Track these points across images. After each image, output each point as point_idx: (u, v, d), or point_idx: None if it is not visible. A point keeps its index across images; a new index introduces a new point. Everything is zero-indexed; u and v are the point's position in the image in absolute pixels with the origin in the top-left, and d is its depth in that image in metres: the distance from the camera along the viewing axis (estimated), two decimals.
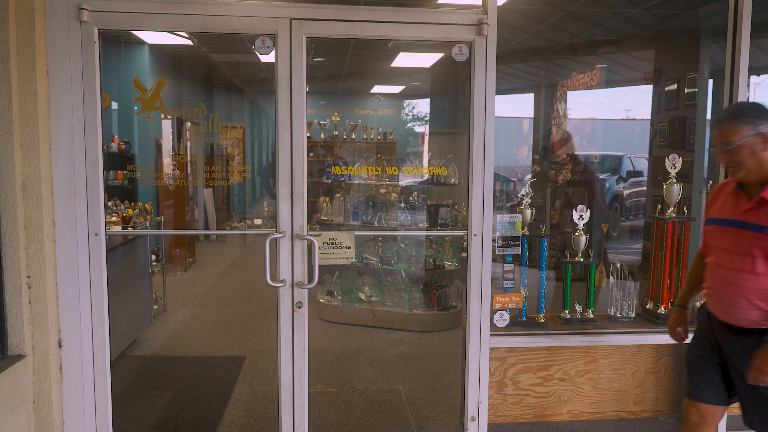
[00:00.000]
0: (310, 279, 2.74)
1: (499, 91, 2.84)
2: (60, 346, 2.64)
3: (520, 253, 3.13)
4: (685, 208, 3.32)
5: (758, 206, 2.08)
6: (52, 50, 2.51)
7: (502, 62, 2.82)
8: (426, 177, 5.53)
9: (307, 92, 2.70)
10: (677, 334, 2.45)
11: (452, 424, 3.32)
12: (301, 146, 2.71)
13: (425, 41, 2.78)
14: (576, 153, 7.12)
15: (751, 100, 3.26)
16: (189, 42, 5.74)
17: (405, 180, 5.53)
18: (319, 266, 2.74)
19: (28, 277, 2.51)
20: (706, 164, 4.80)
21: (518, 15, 5.06)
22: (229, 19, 2.63)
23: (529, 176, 3.49)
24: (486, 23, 2.75)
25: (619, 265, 3.52)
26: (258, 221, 8.31)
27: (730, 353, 2.20)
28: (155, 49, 6.40)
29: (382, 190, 5.58)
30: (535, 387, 3.34)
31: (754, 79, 3.62)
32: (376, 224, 5.22)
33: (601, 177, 9.76)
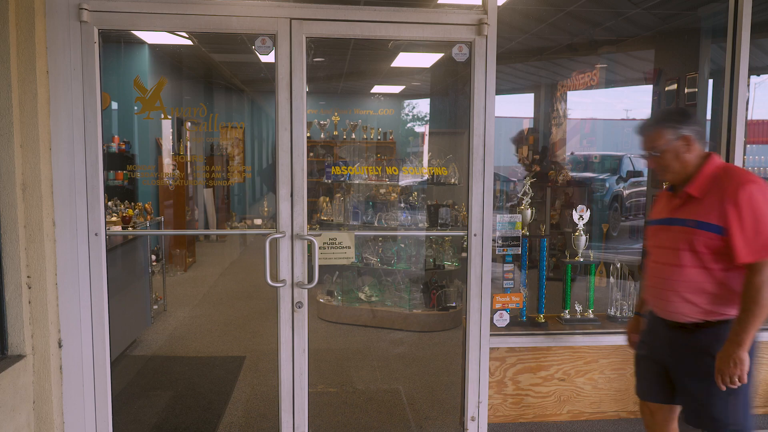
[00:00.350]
0: (310, 279, 2.74)
1: (499, 91, 2.84)
2: (60, 346, 2.64)
3: (520, 253, 3.13)
4: None
5: (685, 202, 2.17)
6: (52, 50, 2.51)
7: (502, 62, 2.82)
8: (426, 177, 5.53)
9: (307, 92, 2.70)
10: (631, 341, 2.52)
11: (452, 424, 3.32)
12: (301, 146, 2.71)
13: (425, 41, 2.79)
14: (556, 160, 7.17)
15: (750, 100, 3.27)
16: (189, 42, 5.74)
17: (405, 180, 5.53)
18: (319, 266, 2.74)
19: (28, 277, 2.51)
20: None
21: (518, 15, 5.06)
22: (229, 19, 2.63)
23: (528, 176, 3.49)
24: (486, 23, 2.75)
25: (619, 265, 3.52)
26: (258, 221, 8.31)
27: (668, 350, 2.24)
28: (155, 49, 6.40)
29: (382, 190, 5.58)
30: (535, 387, 3.34)
31: (754, 79, 3.62)
32: (376, 224, 5.22)
33: (601, 177, 9.77)
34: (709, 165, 2.15)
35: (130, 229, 4.71)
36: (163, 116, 2.89)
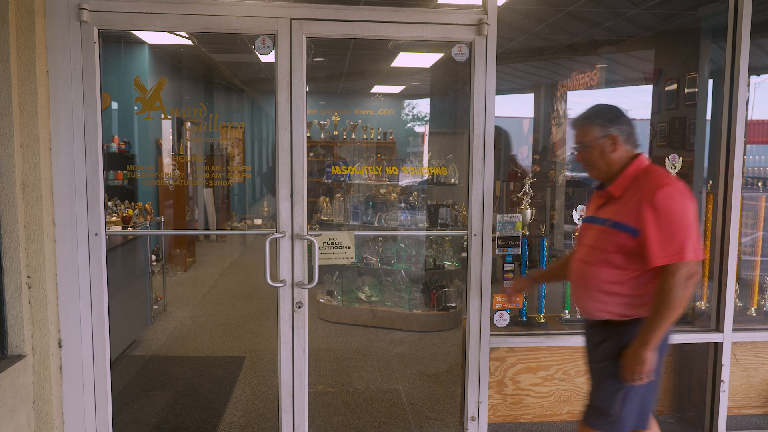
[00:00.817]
0: (310, 279, 2.74)
1: (499, 91, 2.84)
2: (60, 346, 2.64)
3: (520, 253, 3.12)
4: None
5: (607, 201, 2.20)
6: (52, 50, 2.51)
7: (502, 62, 2.82)
8: (426, 177, 5.53)
9: (307, 92, 2.70)
10: (510, 291, 2.82)
11: (452, 424, 3.32)
12: (301, 146, 2.71)
13: (425, 41, 2.79)
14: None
15: (750, 100, 3.27)
16: (189, 42, 5.74)
17: (405, 180, 5.53)
18: (319, 266, 2.74)
19: (28, 277, 2.51)
20: (706, 164, 4.79)
21: (518, 15, 5.05)
22: (229, 19, 2.63)
23: (529, 176, 3.49)
24: (486, 23, 2.75)
25: None
26: (258, 221, 8.31)
27: (588, 344, 2.32)
28: (155, 49, 6.40)
29: (382, 190, 5.58)
30: (535, 387, 3.34)
31: (754, 79, 3.61)
32: (376, 224, 5.22)
33: None
34: (633, 166, 2.16)
35: (130, 229, 4.71)
36: (163, 116, 2.89)
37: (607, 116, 2.17)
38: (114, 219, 4.72)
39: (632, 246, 2.05)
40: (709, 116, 4.84)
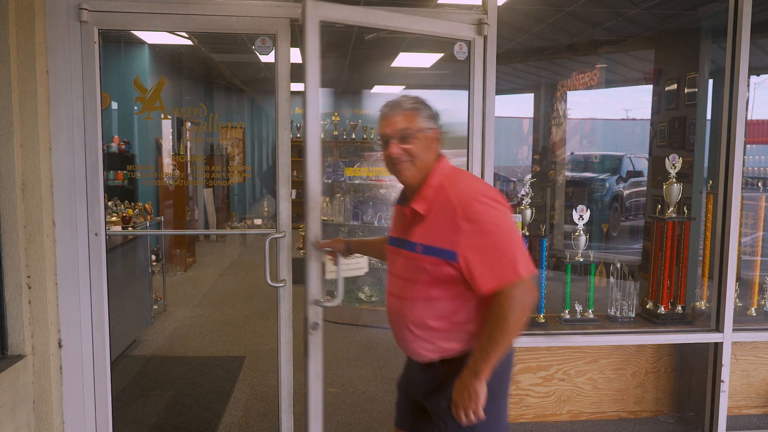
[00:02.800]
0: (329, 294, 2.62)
1: (499, 91, 2.84)
2: (60, 346, 2.64)
3: None
4: (685, 208, 3.32)
5: (413, 220, 1.79)
6: (52, 50, 2.51)
7: (502, 62, 2.82)
8: None
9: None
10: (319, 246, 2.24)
11: None
12: (315, 145, 2.63)
13: (427, 35, 2.77)
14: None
15: (750, 100, 3.27)
16: (189, 42, 5.75)
17: None
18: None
19: (28, 277, 2.51)
20: (706, 164, 4.80)
21: (518, 15, 5.05)
22: (229, 19, 2.63)
23: (529, 176, 3.49)
24: (486, 23, 2.75)
25: (619, 265, 3.52)
26: (258, 221, 8.32)
27: (416, 386, 1.91)
28: (155, 49, 6.40)
29: (382, 190, 5.58)
30: (535, 387, 3.34)
31: (754, 79, 3.61)
32: (375, 224, 5.22)
33: (601, 177, 9.77)
34: (437, 172, 1.78)
35: (130, 229, 4.71)
36: (163, 116, 2.89)
37: (432, 110, 1.82)
38: (114, 219, 4.72)
39: (452, 274, 1.68)
40: (709, 116, 4.85)
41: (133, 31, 3.30)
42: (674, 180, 3.26)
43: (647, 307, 3.39)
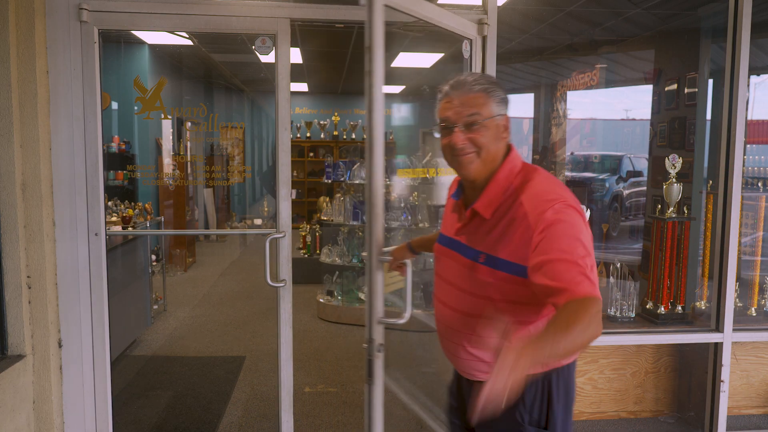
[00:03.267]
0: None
1: None
2: (60, 346, 2.64)
3: None
4: (685, 208, 3.32)
5: (471, 220, 1.55)
6: (52, 50, 2.51)
7: (502, 62, 2.81)
8: (426, 177, 5.53)
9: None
10: (392, 262, 2.01)
11: None
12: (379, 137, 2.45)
13: (442, 29, 2.75)
14: None
15: (750, 100, 3.27)
16: (189, 42, 5.74)
17: (405, 180, 5.53)
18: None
19: (28, 277, 2.51)
20: (706, 164, 4.80)
21: (518, 15, 5.05)
22: (229, 19, 2.63)
23: None
24: (486, 23, 2.75)
25: (619, 265, 3.52)
26: (258, 221, 8.32)
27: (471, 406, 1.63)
28: (155, 49, 6.40)
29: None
30: None
31: (754, 79, 3.61)
32: None
33: (600, 177, 9.78)
34: (506, 169, 1.51)
35: (130, 229, 4.71)
36: (163, 116, 2.89)
37: (504, 92, 1.52)
38: (114, 219, 4.72)
39: (519, 291, 1.43)
40: (709, 116, 4.84)
41: (133, 31, 3.30)
42: (674, 180, 3.26)
43: (647, 307, 3.39)
